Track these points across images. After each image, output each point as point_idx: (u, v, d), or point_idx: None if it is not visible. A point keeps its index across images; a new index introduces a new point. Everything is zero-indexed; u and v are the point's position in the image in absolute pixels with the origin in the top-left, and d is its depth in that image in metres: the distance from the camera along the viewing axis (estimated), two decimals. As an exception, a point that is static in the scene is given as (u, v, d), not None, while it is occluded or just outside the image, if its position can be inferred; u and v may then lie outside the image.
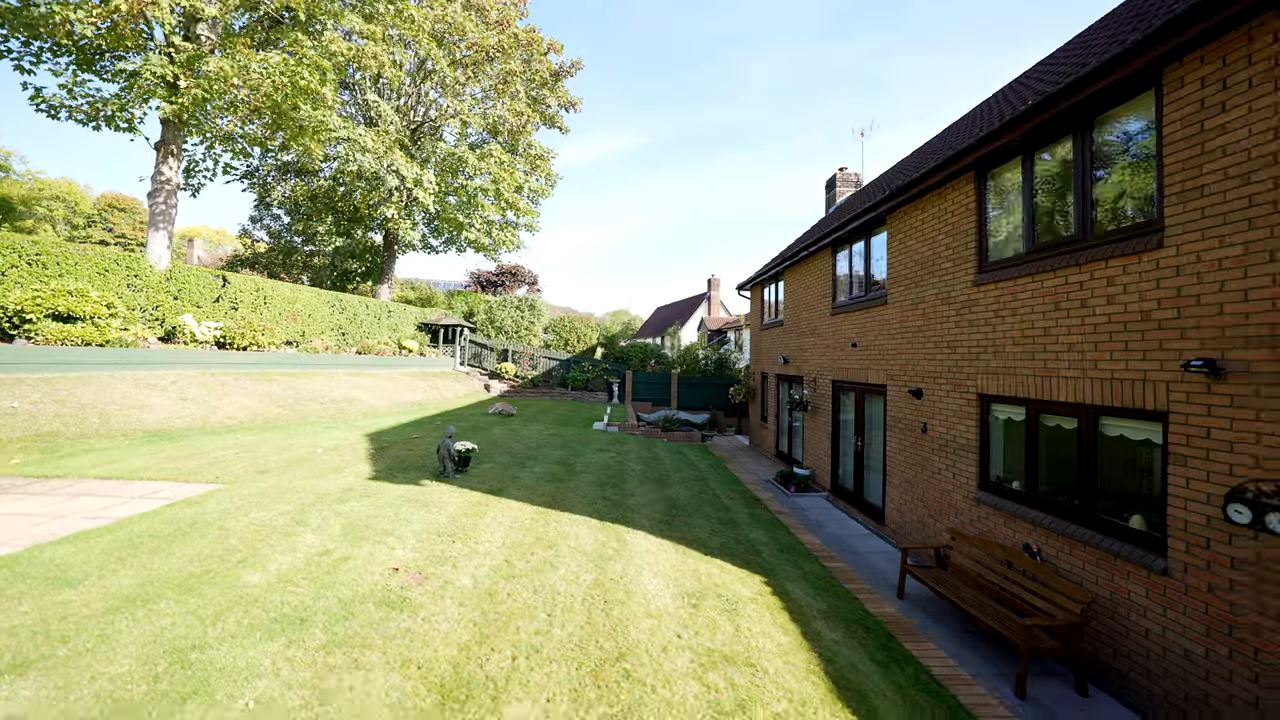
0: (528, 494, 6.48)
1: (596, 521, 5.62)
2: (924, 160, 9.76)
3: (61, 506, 5.19)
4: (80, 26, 8.82)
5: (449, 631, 3.28)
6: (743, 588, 4.49)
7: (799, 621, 4.05)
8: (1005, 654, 4.97)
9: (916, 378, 8.17)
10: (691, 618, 3.75)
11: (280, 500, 5.58)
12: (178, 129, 11.14)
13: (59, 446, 7.24)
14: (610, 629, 3.45)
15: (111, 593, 3.48)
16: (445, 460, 6.84)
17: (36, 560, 3.88)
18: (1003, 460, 6.62)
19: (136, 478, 6.23)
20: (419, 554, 4.40)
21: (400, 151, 15.31)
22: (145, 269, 11.15)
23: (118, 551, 4.11)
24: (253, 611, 3.35)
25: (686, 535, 5.68)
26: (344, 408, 12.06)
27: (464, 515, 5.45)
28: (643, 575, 4.35)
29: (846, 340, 10.85)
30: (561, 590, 3.93)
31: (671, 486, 7.91)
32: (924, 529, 7.89)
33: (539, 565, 4.33)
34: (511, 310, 22.36)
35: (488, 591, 3.82)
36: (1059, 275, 5.54)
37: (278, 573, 3.91)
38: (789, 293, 14.57)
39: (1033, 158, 6.11)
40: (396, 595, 3.66)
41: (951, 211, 7.53)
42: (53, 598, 3.37)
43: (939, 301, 7.68)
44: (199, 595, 3.51)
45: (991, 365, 6.56)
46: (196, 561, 4.02)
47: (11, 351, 8.28)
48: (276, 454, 7.67)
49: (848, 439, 10.90)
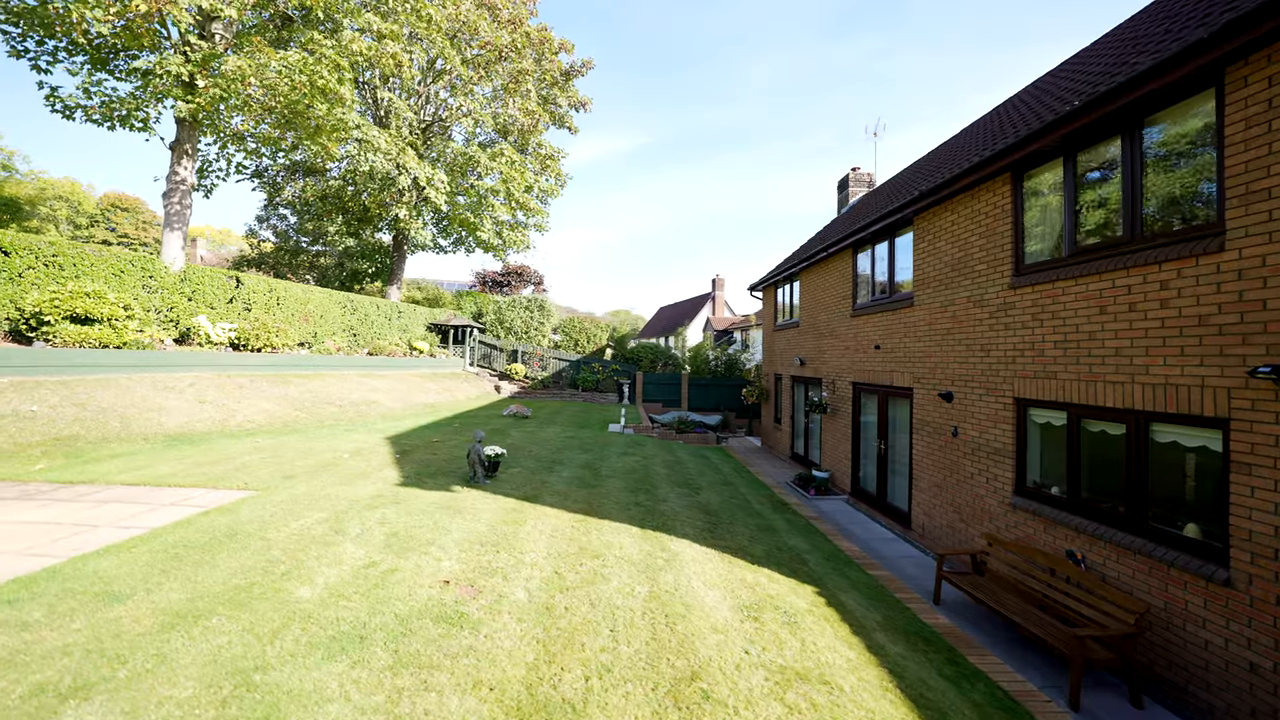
0: (561, 500, 6.37)
1: (638, 529, 5.52)
2: (949, 162, 9.66)
3: (92, 514, 5.08)
4: (97, 25, 8.69)
5: (514, 649, 3.18)
6: (797, 599, 4.39)
7: (860, 634, 3.95)
8: (1052, 663, 4.87)
9: (946, 381, 8.07)
10: (756, 632, 3.65)
11: (314, 508, 5.47)
12: (193, 129, 11.02)
13: (81, 451, 7.12)
14: (677, 645, 3.35)
15: (161, 608, 3.37)
16: (476, 465, 6.73)
17: (80, 573, 3.77)
18: (1040, 465, 6.52)
19: (164, 484, 6.12)
20: (466, 565, 4.30)
21: (411, 152, 15.20)
22: (160, 270, 11.03)
23: (160, 563, 4.01)
24: (310, 629, 3.24)
25: (729, 543, 5.58)
26: (361, 410, 11.94)
27: (502, 523, 5.35)
28: (696, 586, 4.25)
29: (869, 342, 10.75)
30: (619, 604, 3.83)
31: (701, 491, 7.81)
32: (954, 534, 7.80)
33: (589, 577, 4.23)
34: (521, 311, 22.24)
35: (544, 605, 3.72)
36: (1105, 278, 5.44)
37: (326, 586, 3.81)
38: (805, 294, 14.46)
39: (1075, 159, 6.01)
40: (453, 610, 3.55)
41: (985, 213, 7.43)
42: (103, 614, 3.27)
43: (971, 304, 7.59)
44: (251, 611, 3.41)
45: (1029, 369, 6.46)
46: (241, 574, 3.91)
47: (31, 354, 8.17)
48: (301, 458, 7.55)
49: (870, 442, 10.80)
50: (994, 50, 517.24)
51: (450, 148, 17.84)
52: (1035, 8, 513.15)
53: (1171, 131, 5.06)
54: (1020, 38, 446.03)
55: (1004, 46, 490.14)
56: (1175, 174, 4.96)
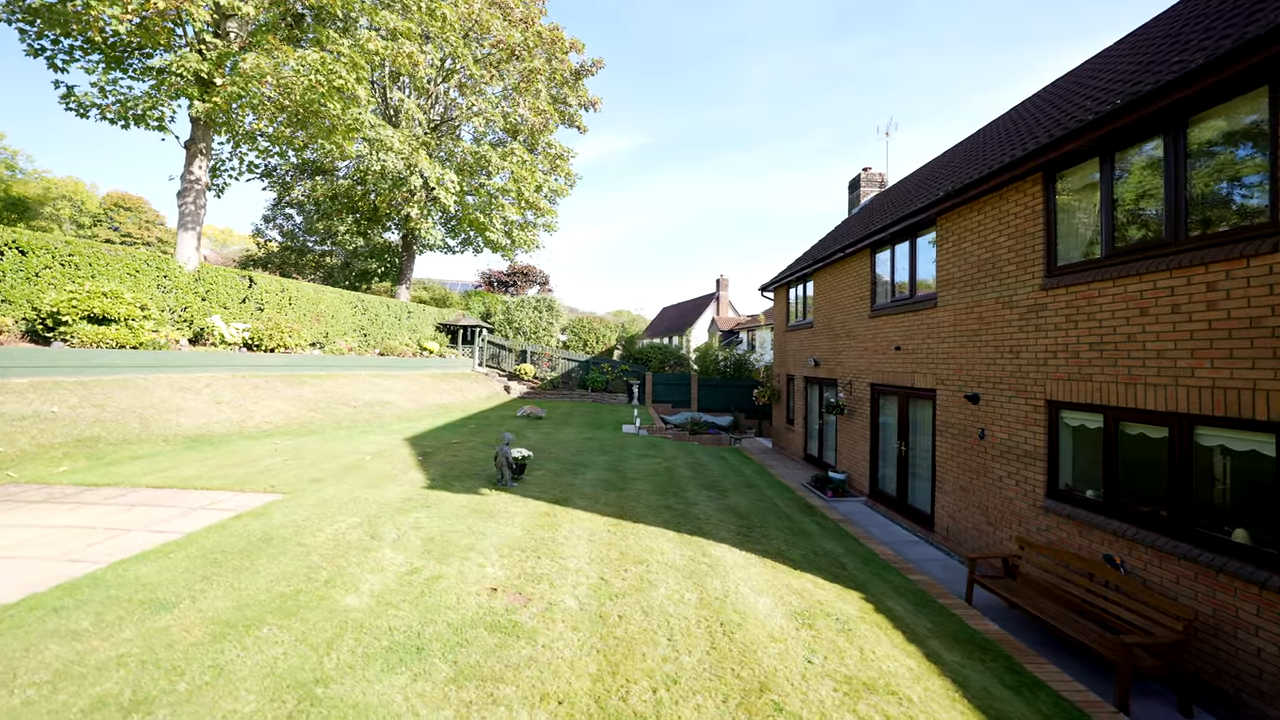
0: (592, 503, 6.29)
1: (674, 534, 5.45)
2: (971, 163, 9.59)
3: (123, 518, 5.00)
4: (115, 23, 8.60)
5: (574, 660, 3.10)
6: (845, 605, 4.32)
7: (915, 642, 3.88)
8: (1093, 669, 4.79)
9: (972, 382, 7.99)
10: (813, 640, 3.58)
11: (345, 512, 5.39)
12: (207, 128, 10.93)
13: (103, 453, 7.04)
14: (738, 655, 3.27)
15: (210, 617, 3.29)
16: (503, 468, 6.65)
17: (122, 579, 3.69)
18: (1073, 468, 6.44)
19: (190, 487, 6.03)
20: (510, 572, 4.22)
21: (424, 152, 15.10)
22: (175, 269, 10.94)
23: (201, 570, 3.93)
24: (364, 639, 3.16)
25: (766, 547, 5.50)
26: (375, 411, 11.86)
27: (537, 528, 5.27)
28: (745, 593, 4.18)
29: (888, 343, 10.67)
30: (671, 611, 3.75)
31: (728, 494, 7.73)
32: (981, 537, 7.72)
33: (636, 583, 4.15)
34: (530, 311, 22.15)
35: (597, 614, 3.64)
36: (1145, 280, 5.36)
37: (372, 593, 3.73)
38: (819, 294, 14.37)
39: (1112, 160, 5.92)
40: (506, 619, 3.48)
41: (1014, 214, 7.35)
42: (151, 623, 3.18)
43: (999, 305, 7.51)
44: (300, 620, 3.33)
45: (1063, 371, 6.38)
46: (284, 581, 3.83)
47: (50, 355, 8.08)
48: (324, 461, 7.47)
49: (889, 443, 10.72)
50: (993, 50, 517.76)
51: (460, 147, 17.74)
52: (1034, 8, 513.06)
53: (1219, 130, 4.98)
54: (1019, 38, 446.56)
55: (1003, 46, 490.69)
56: (1222, 174, 4.88)
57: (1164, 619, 4.68)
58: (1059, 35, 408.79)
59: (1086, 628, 5.04)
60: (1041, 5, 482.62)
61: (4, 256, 8.42)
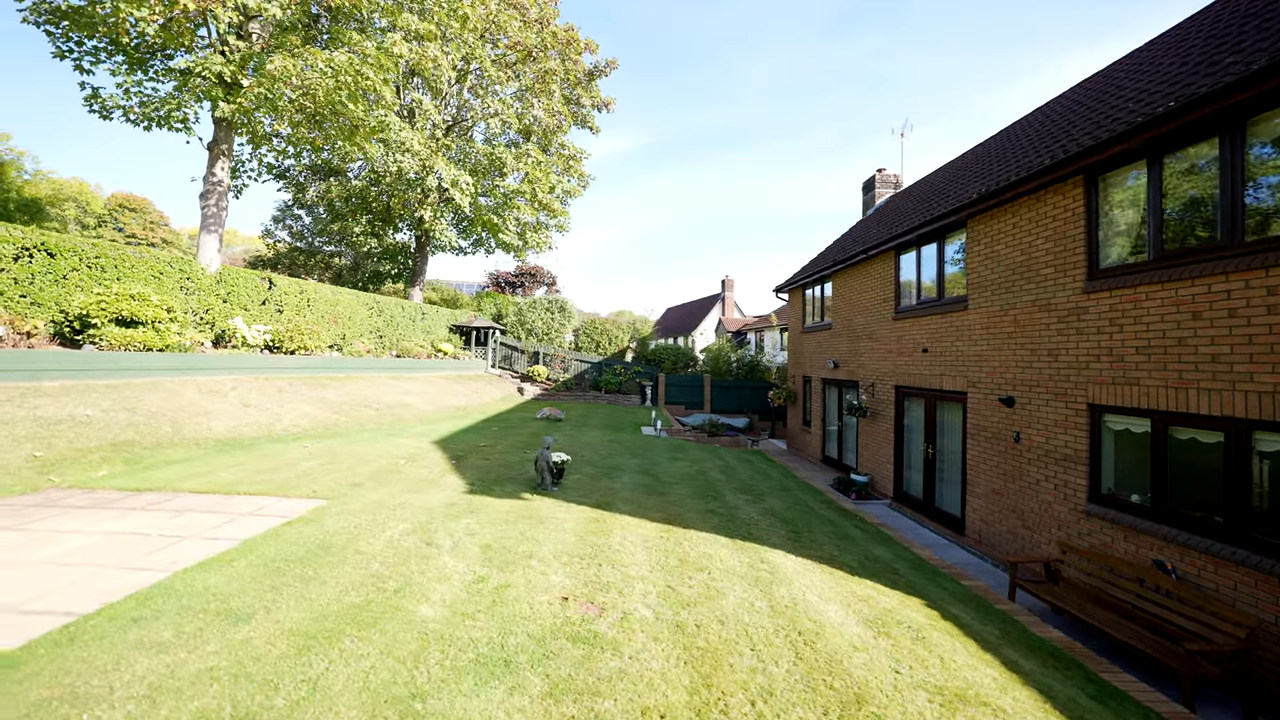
0: (636, 508, 6.25)
1: (726, 539, 5.40)
2: (999, 165, 9.55)
3: (174, 524, 4.95)
4: (142, 24, 8.55)
5: (664, 672, 3.05)
6: (911, 612, 4.27)
7: (989, 650, 3.84)
8: (1147, 675, 4.73)
9: (1006, 385, 7.95)
10: (893, 649, 3.53)
11: (394, 518, 5.34)
12: (230, 129, 10.88)
13: (139, 457, 6.99)
14: (825, 665, 3.23)
15: (288, 629, 3.24)
16: (544, 472, 6.60)
17: (191, 589, 3.64)
18: (1115, 472, 6.40)
19: (233, 492, 5.98)
20: (575, 580, 4.17)
21: (441, 153, 15.05)
22: (197, 271, 10.88)
23: (266, 579, 3.87)
24: (449, 651, 3.11)
25: (819, 553, 5.46)
26: (396, 413, 11.80)
27: (589, 534, 5.22)
28: (813, 600, 4.13)
29: (914, 345, 10.63)
30: (746, 620, 3.70)
31: (765, 498, 7.69)
32: (1016, 541, 7.68)
33: (704, 591, 4.11)
34: (542, 312, 22.10)
35: (674, 623, 3.59)
36: (1199, 283, 5.32)
37: (444, 603, 3.68)
38: (839, 296, 14.33)
39: (1161, 162, 5.88)
40: (585, 630, 3.43)
41: (1053, 216, 7.31)
42: (232, 635, 3.13)
43: (1036, 308, 7.47)
44: (379, 631, 3.28)
45: (1106, 374, 6.34)
46: (353, 591, 3.78)
47: (81, 358, 8.02)
48: (358, 465, 7.42)
49: (915, 446, 10.68)
50: (994, 50, 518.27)
51: (475, 148, 17.69)
52: (1035, 8, 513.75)
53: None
54: (1020, 38, 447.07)
55: (1004, 46, 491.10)
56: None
57: (1224, 626, 4.64)
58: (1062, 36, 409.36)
59: (1144, 635, 5.00)
60: (1042, 5, 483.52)
61: (33, 259, 8.37)
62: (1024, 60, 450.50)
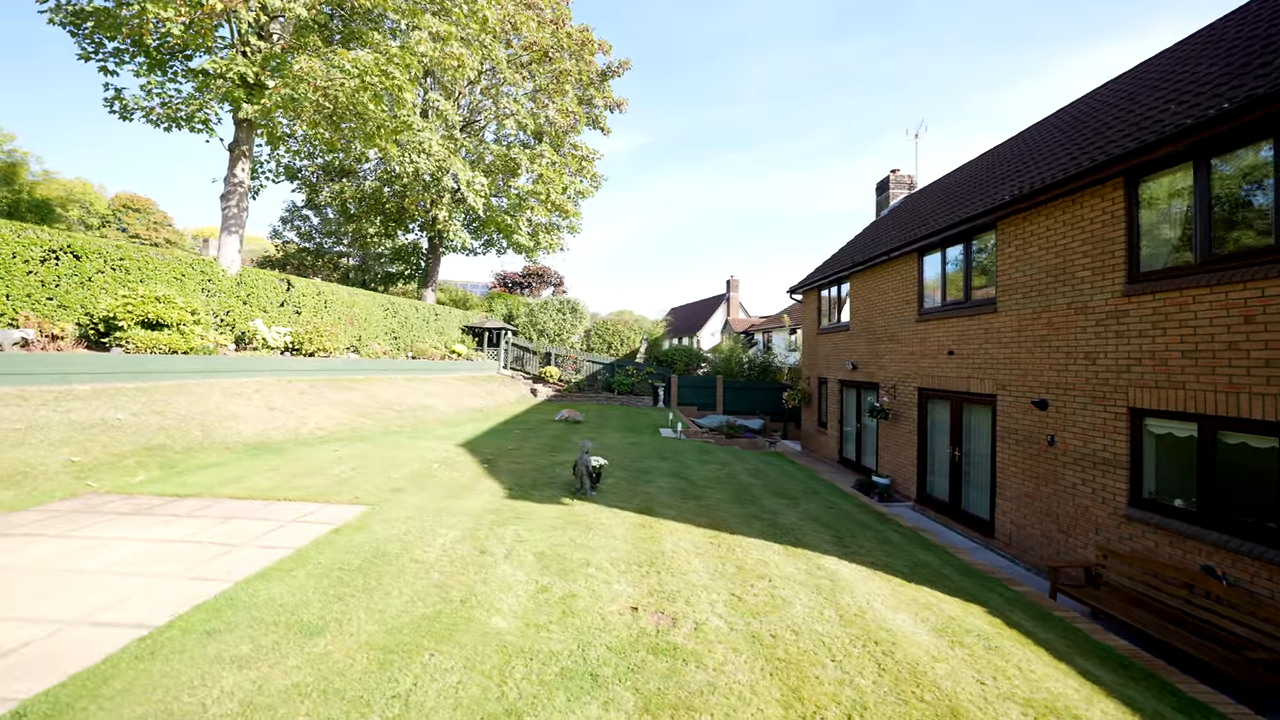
0: (679, 514, 6.19)
1: (777, 545, 5.35)
2: (1029, 165, 9.50)
3: (223, 532, 4.88)
4: (168, 25, 8.47)
5: (753, 685, 3.00)
6: (975, 619, 4.23)
7: (1062, 659, 3.79)
8: (1207, 682, 4.66)
9: (1039, 388, 7.90)
10: (971, 659, 3.49)
11: (441, 524, 5.28)
12: (250, 130, 10.81)
13: (172, 461, 6.92)
14: (910, 676, 3.18)
15: (364, 642, 3.18)
16: (583, 477, 6.55)
17: (257, 600, 3.58)
18: (1157, 476, 6.36)
19: (273, 498, 5.92)
20: (638, 589, 4.12)
21: (458, 154, 14.98)
22: (218, 273, 10.81)
23: (329, 589, 3.81)
24: (532, 665, 3.06)
25: (869, 559, 5.41)
26: (418, 415, 11.74)
27: (640, 541, 5.17)
28: (879, 608, 4.08)
29: (938, 347, 10.58)
30: (820, 629, 3.65)
31: (800, 501, 7.64)
32: (1050, 544, 7.63)
33: (770, 600, 4.06)
34: (553, 313, 22.02)
35: (749, 634, 3.54)
36: (1252, 286, 5.27)
37: (514, 614, 3.62)
38: (858, 297, 14.27)
39: (1209, 165, 5.83)
40: (663, 641, 3.38)
41: (1090, 219, 7.26)
42: (310, 649, 3.07)
43: (1071, 311, 7.42)
44: (456, 644, 3.22)
45: (1149, 378, 6.28)
46: (419, 601, 3.72)
47: (109, 361, 7.95)
48: (391, 469, 7.36)
49: (938, 448, 10.63)
50: (995, 49, 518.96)
51: (489, 149, 17.62)
52: (1034, 7, 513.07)
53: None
54: (1019, 38, 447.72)
55: (1003, 46, 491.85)
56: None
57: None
58: (1062, 36, 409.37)
59: (1200, 643, 4.95)
60: (1042, 5, 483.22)
61: (60, 262, 8.30)
62: (1024, 60, 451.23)
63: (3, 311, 7.69)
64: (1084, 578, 6.76)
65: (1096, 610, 5.95)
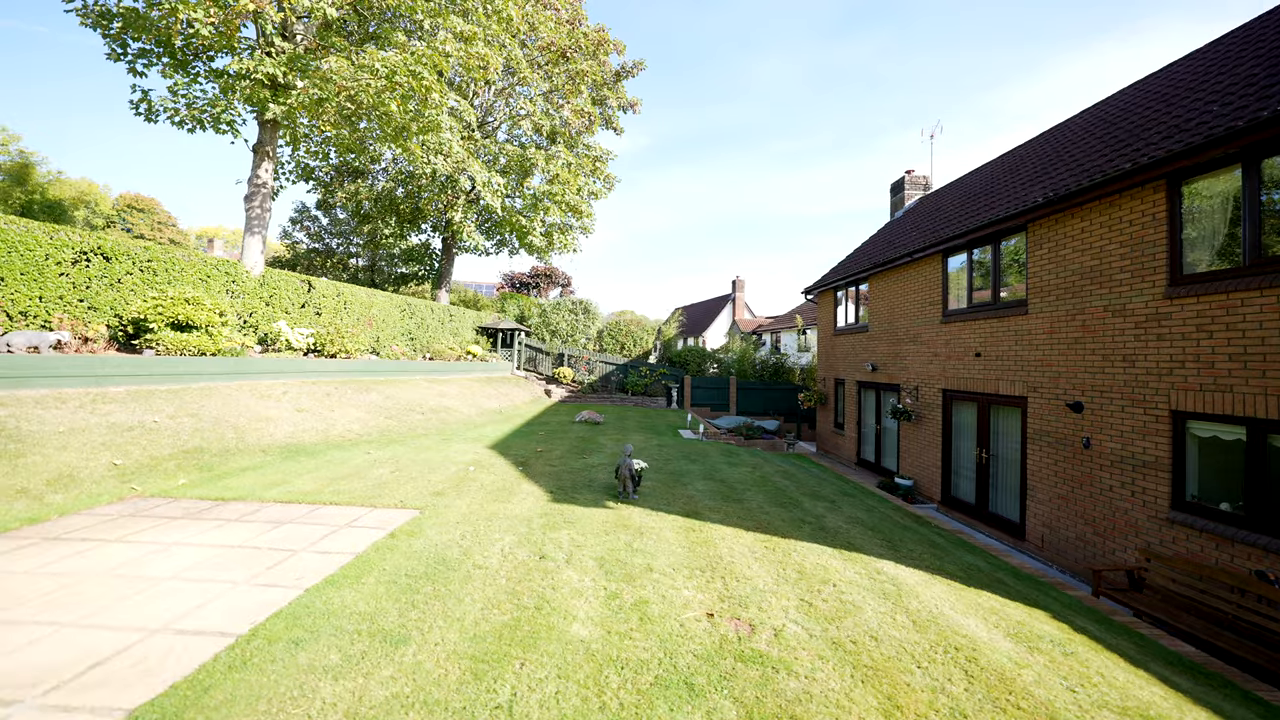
0: (723, 517, 6.17)
1: (831, 549, 5.32)
2: (1058, 167, 9.49)
3: (277, 538, 4.85)
4: (199, 25, 8.43)
5: (848, 692, 2.98)
6: (1043, 625, 4.21)
7: (1140, 666, 3.77)
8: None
9: (1074, 390, 7.88)
10: (1053, 666, 3.47)
11: (493, 529, 5.25)
12: (274, 130, 10.77)
13: (210, 464, 6.88)
14: (1000, 684, 3.15)
15: (451, 650, 3.15)
16: (626, 481, 6.52)
17: (331, 608, 3.55)
18: (1200, 479, 6.35)
19: (318, 502, 5.89)
20: (707, 595, 4.09)
21: (476, 156, 14.93)
22: (242, 274, 10.77)
23: (401, 595, 3.78)
24: (624, 674, 3.03)
25: (922, 562, 5.38)
26: (441, 418, 11.71)
27: (694, 545, 5.14)
28: (948, 613, 4.06)
29: (965, 349, 10.57)
30: (898, 635, 3.63)
31: (838, 504, 7.61)
32: (1086, 547, 7.61)
33: (840, 606, 4.03)
34: (565, 314, 21.98)
35: (829, 640, 3.52)
36: (1304, 290, 5.26)
37: (591, 620, 3.60)
38: (878, 299, 14.26)
39: (1259, 166, 5.82)
40: (746, 649, 3.35)
41: (1129, 221, 7.23)
42: (399, 658, 3.04)
43: (1108, 313, 7.39)
44: (544, 653, 3.19)
45: (1193, 381, 6.27)
46: (494, 609, 3.69)
47: (142, 363, 7.91)
48: (428, 472, 7.33)
49: (964, 450, 10.61)
50: (996, 49, 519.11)
51: (505, 150, 17.59)
52: (1035, 7, 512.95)
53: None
54: (1019, 38, 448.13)
55: (1006, 46, 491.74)
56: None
57: (1344, 638, 4.58)
58: (1063, 35, 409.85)
59: (1254, 648, 4.93)
60: (1042, 5, 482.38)
61: (90, 263, 8.25)
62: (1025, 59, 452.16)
63: (36, 313, 7.65)
64: (1126, 581, 6.74)
65: (1139, 613, 5.94)
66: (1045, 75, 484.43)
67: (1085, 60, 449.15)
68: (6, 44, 77.52)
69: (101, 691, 2.65)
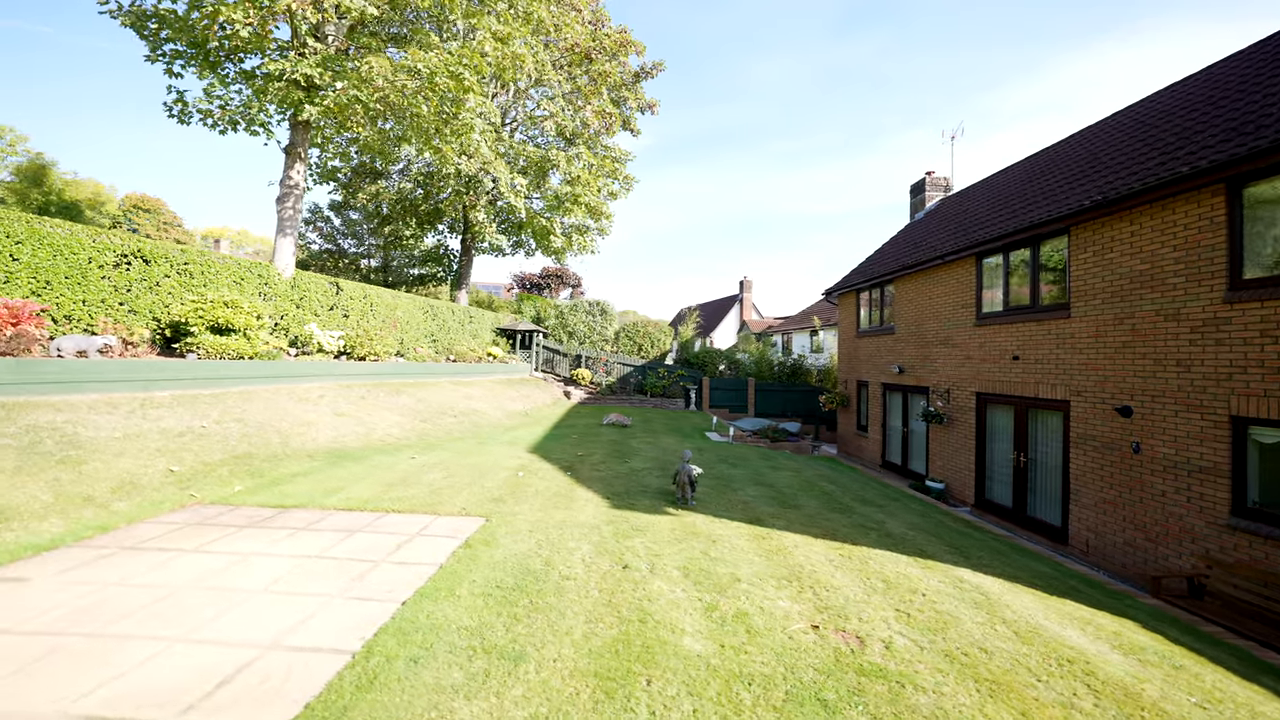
0: (786, 523, 6.12)
1: (905, 557, 5.28)
2: (1099, 170, 9.45)
3: (351, 548, 4.79)
4: (238, 26, 8.36)
5: (980, 707, 2.93)
6: (1138, 635, 4.16)
7: (1251, 680, 3.72)
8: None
9: (1121, 395, 7.83)
10: (1169, 679, 3.42)
11: (566, 538, 5.19)
12: (307, 131, 10.69)
13: (261, 470, 6.82)
14: (1127, 699, 3.11)
15: (572, 668, 3.09)
16: (685, 487, 6.48)
17: (435, 623, 3.48)
18: (1261, 485, 6.31)
19: (379, 509, 5.83)
20: (802, 605, 4.04)
21: (501, 157, 14.88)
22: (274, 277, 10.70)
23: (500, 609, 3.72)
24: (754, 690, 2.98)
25: (995, 570, 5.33)
26: (473, 420, 11.65)
27: (770, 553, 5.09)
28: (1044, 622, 4.01)
29: (1000, 352, 10.52)
30: (1006, 648, 3.58)
31: (886, 508, 7.57)
32: (1136, 553, 7.56)
33: (936, 616, 3.99)
34: (583, 315, 21.91)
35: (941, 653, 3.47)
36: (1381, 294, 5.22)
37: (699, 634, 3.54)
38: (905, 301, 14.20)
39: (1329, 169, 5.78)
40: (864, 662, 3.30)
41: (1183, 225, 7.19)
42: (523, 676, 2.97)
43: (1160, 318, 7.35)
44: (665, 669, 3.13)
45: (1256, 386, 6.23)
46: (598, 623, 3.62)
47: (186, 367, 7.84)
48: (479, 477, 7.27)
49: (998, 453, 10.57)
50: (997, 49, 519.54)
51: (525, 152, 17.53)
52: (1035, 6, 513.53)
53: None
54: (1019, 38, 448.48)
55: (1006, 46, 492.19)
56: None
57: None
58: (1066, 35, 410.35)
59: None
60: (1042, 5, 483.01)
61: (131, 266, 8.18)
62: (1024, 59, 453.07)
63: (80, 317, 7.57)
64: (1186, 588, 6.70)
65: (1221, 623, 5.89)
66: (1045, 75, 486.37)
67: (1085, 60, 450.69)
68: (10, 44, 77.18)
69: (237, 711, 2.59)
